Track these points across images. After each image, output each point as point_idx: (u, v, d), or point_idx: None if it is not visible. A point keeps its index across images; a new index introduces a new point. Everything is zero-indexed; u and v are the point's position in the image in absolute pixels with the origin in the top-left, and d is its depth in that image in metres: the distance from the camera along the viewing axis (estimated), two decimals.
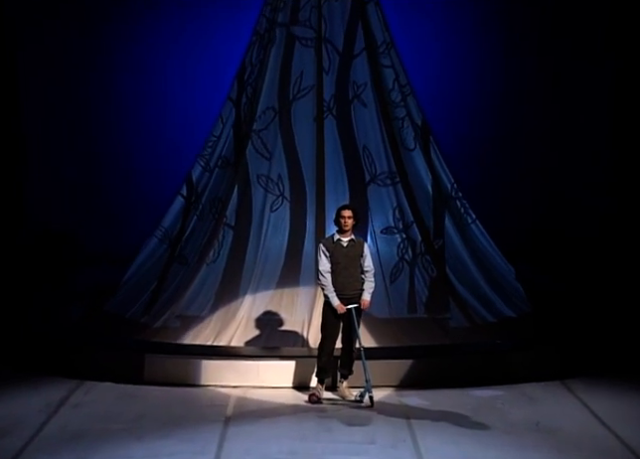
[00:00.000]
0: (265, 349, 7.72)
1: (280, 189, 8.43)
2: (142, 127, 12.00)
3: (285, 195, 8.43)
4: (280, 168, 8.49)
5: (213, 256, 8.27)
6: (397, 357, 7.48)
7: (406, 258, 8.32)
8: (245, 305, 8.03)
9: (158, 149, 11.83)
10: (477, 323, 8.15)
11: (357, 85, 8.66)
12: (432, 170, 8.72)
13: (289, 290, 8.08)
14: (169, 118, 11.86)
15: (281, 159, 8.50)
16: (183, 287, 8.25)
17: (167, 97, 11.91)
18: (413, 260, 8.33)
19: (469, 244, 8.66)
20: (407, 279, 8.24)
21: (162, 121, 11.88)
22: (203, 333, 7.91)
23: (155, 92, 11.89)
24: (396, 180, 8.56)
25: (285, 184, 8.45)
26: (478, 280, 8.52)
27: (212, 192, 8.73)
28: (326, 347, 6.83)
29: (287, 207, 8.40)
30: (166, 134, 11.83)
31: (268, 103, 8.63)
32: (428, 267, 8.40)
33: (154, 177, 11.62)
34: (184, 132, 11.34)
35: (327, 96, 8.61)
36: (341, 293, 6.76)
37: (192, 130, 10.55)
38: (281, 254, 8.22)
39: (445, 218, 8.52)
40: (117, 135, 12.09)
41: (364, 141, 8.56)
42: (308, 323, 7.87)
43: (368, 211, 8.29)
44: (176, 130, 11.68)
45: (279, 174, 8.47)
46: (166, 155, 11.61)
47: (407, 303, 8.11)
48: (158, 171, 11.59)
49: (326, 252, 6.72)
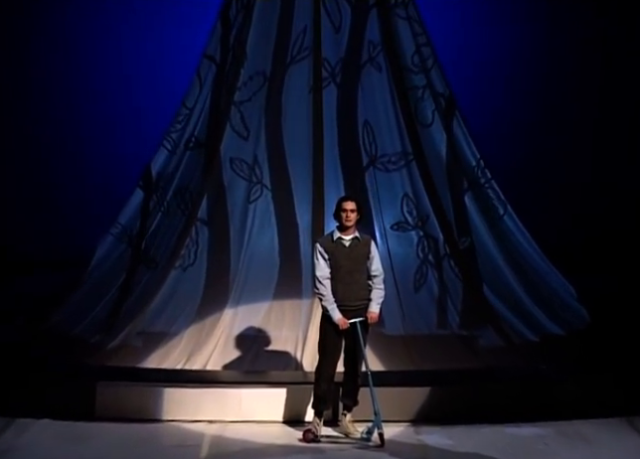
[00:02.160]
0: (250, 374, 7.49)
1: (257, 175, 8.22)
2: (93, 107, 11.83)
3: (264, 182, 8.21)
4: (258, 149, 8.26)
5: (188, 259, 8.07)
6: (413, 384, 7.22)
7: (430, 261, 8.13)
8: (225, 319, 7.83)
9: (112, 132, 11.70)
10: (514, 342, 7.87)
11: (373, 46, 8.46)
12: (454, 149, 8.44)
13: (280, 301, 7.94)
14: (124, 96, 11.71)
15: (260, 138, 8.27)
16: (148, 296, 8.02)
17: (121, 69, 11.78)
18: (438, 263, 8.15)
19: (502, 243, 8.40)
20: (436, 286, 8.05)
21: (116, 99, 11.75)
22: (171, 354, 7.68)
23: (105, 66, 11.81)
24: (406, 161, 8.33)
25: (264, 169, 8.22)
26: (515, 288, 8.26)
27: (181, 180, 8.48)
28: (325, 371, 6.54)
29: (269, 197, 8.19)
30: (122, 114, 11.64)
31: (258, 67, 8.39)
32: (456, 272, 8.17)
33: (108, 165, 11.49)
34: (145, 111, 11.15)
35: (333, 60, 8.39)
36: (343, 304, 6.47)
37: (155, 108, 10.44)
38: (269, 257, 8.06)
39: (471, 209, 8.35)
40: (62, 116, 11.96)
41: (365, 115, 8.35)
42: (303, 341, 7.66)
43: (366, 202, 7.99)
44: (135, 109, 11.48)
45: (255, 156, 8.24)
46: (122, 138, 11.45)
47: (437, 316, 7.90)
48: (112, 158, 11.48)
49: (324, 254, 6.44)
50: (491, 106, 11.27)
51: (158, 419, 7.04)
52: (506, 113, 11.66)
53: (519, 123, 11.68)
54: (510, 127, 11.56)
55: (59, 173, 11.88)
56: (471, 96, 9.98)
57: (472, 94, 10.18)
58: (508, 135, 11.45)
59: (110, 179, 10.95)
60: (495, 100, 11.53)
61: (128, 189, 8.90)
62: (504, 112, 11.65)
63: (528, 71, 11.80)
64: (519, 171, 11.11)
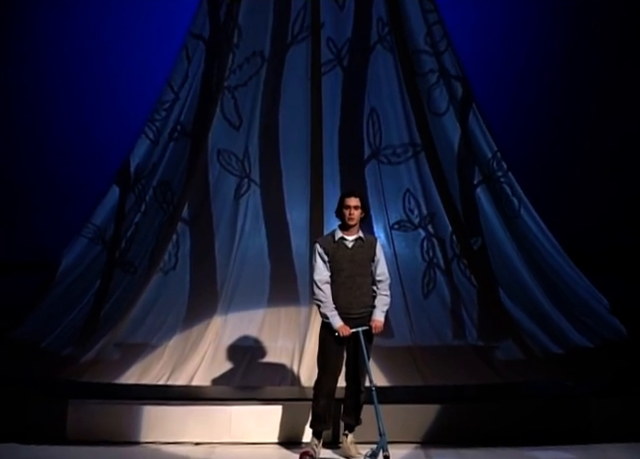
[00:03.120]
0: (241, 389, 7.27)
1: (246, 169, 8.06)
2: (64, 90, 11.29)
3: (253, 177, 8.04)
4: (249, 140, 8.09)
5: (168, 262, 7.89)
6: (422, 400, 7.01)
7: (437, 264, 7.97)
8: (214, 329, 7.65)
9: (85, 120, 11.17)
10: (537, 355, 7.68)
11: (382, 24, 8.30)
12: (468, 140, 8.33)
13: (274, 308, 7.79)
14: (99, 78, 11.16)
15: (253, 127, 8.10)
16: (126, 304, 7.84)
17: (96, 46, 11.16)
18: (447, 266, 7.98)
19: (520, 243, 8.22)
20: (448, 292, 7.90)
21: (90, 82, 11.15)
22: (153, 368, 7.46)
23: (76, 43, 11.22)
24: (413, 153, 8.18)
25: (254, 162, 8.05)
26: (536, 294, 8.08)
27: (163, 175, 8.29)
28: (325, 386, 6.32)
29: (257, 193, 8.03)
30: (97, 99, 11.13)
31: (255, 46, 8.21)
32: (468, 276, 7.99)
33: (78, 158, 10.99)
34: (124, 95, 10.67)
35: (339, 40, 8.24)
36: (345, 311, 6.23)
37: (135, 92, 10.02)
38: (261, 259, 7.89)
39: (484, 205, 8.19)
40: (28, 102, 11.40)
41: (373, 103, 8.18)
42: (300, 353, 7.47)
43: (366, 198, 7.80)
44: (113, 93, 10.97)
45: (246, 148, 8.07)
46: (96, 127, 10.95)
47: (449, 325, 7.73)
48: (85, 149, 10.94)
49: (324, 256, 6.20)
50: (509, 94, 10.91)
51: (137, 442, 6.87)
52: (526, 102, 11.25)
53: (539, 113, 11.25)
54: (528, 118, 11.14)
55: (22, 165, 11.46)
56: (487, 84, 9.77)
57: (488, 81, 9.95)
58: (526, 127, 11.04)
59: (82, 173, 10.51)
60: (513, 88, 11.15)
61: (103, 185, 8.65)
62: (523, 101, 11.24)
63: (551, 57, 11.43)
64: (536, 166, 10.68)
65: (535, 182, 9.39)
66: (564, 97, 11.07)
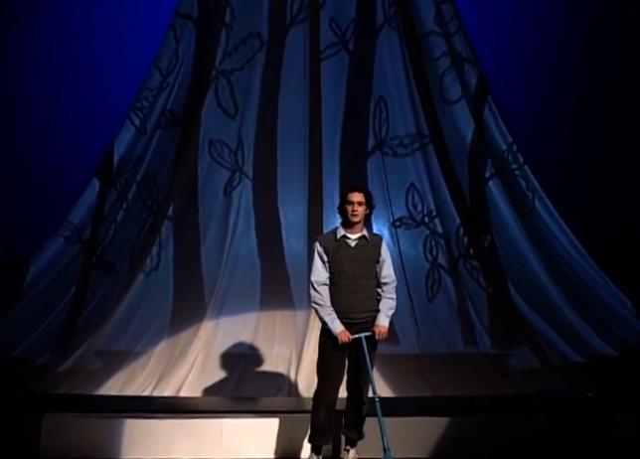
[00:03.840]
0: (233, 401, 7.12)
1: (239, 161, 7.91)
2: (38, 74, 10.99)
3: (245, 170, 7.87)
4: (244, 130, 7.96)
5: (150, 263, 7.79)
6: (430, 413, 6.78)
7: (441, 264, 7.86)
8: (203, 335, 7.53)
9: (62, 105, 10.87)
10: (555, 364, 7.56)
11: (389, 3, 8.29)
12: (482, 131, 8.14)
13: (270, 312, 7.70)
14: (79, 61, 10.84)
15: (250, 116, 7.95)
16: (107, 309, 7.70)
17: (74, 28, 10.88)
18: (452, 267, 7.85)
19: (537, 241, 8.22)
20: (454, 295, 7.78)
21: (70, 66, 10.87)
22: (137, 378, 7.34)
23: (51, 22, 10.96)
24: (421, 144, 8.15)
25: (247, 154, 7.91)
26: (554, 298, 7.96)
27: (148, 168, 8.18)
28: (325, 397, 6.10)
29: (249, 188, 7.86)
30: (76, 83, 10.76)
31: (251, 27, 8.09)
32: (476, 277, 7.92)
33: (56, 147, 10.69)
34: (106, 79, 10.38)
35: (343, 21, 8.09)
36: (347, 316, 6.01)
37: (119, 77, 9.77)
38: (255, 260, 7.76)
39: (497, 199, 8.01)
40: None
41: (381, 90, 8.14)
42: (298, 361, 7.36)
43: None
44: (94, 78, 10.64)
45: (240, 139, 7.93)
46: (75, 114, 10.63)
47: (459, 331, 7.61)
48: (62, 138, 10.68)
49: (323, 255, 5.97)
50: (522, 85, 10.66)
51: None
52: (539, 96, 11.01)
53: (552, 108, 11.04)
54: (542, 112, 10.90)
55: None
56: (499, 76, 9.54)
57: (500, 73, 9.71)
58: (543, 119, 10.82)
59: (60, 164, 10.21)
60: (526, 79, 10.93)
61: (82, 178, 8.42)
62: (536, 94, 11.00)
63: (566, 49, 11.28)
64: (547, 163, 10.44)
65: (548, 179, 9.16)
66: (580, 91, 10.91)
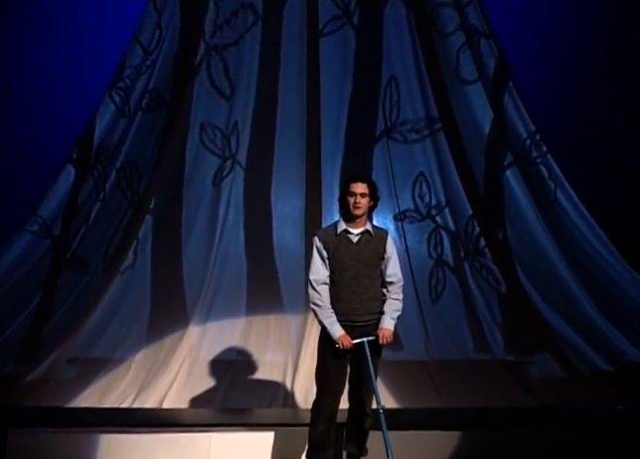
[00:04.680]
0: (222, 413, 6.92)
1: (232, 147, 7.65)
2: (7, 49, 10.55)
3: (239, 158, 7.60)
4: (240, 112, 7.70)
5: (128, 262, 7.55)
6: (440, 426, 6.50)
7: (446, 261, 7.64)
8: (189, 340, 7.36)
9: (32, 84, 10.19)
10: (580, 372, 7.35)
11: None
12: (500, 117, 7.90)
13: (262, 316, 7.52)
14: (54, 33, 10.24)
15: (248, 97, 7.69)
16: (82, 312, 7.49)
17: None
18: (458, 265, 7.64)
19: (558, 234, 7.94)
20: (461, 295, 7.59)
21: (43, 38, 10.30)
22: (116, 388, 7.12)
23: None
24: (433, 130, 7.84)
25: (242, 139, 7.66)
26: (580, 299, 7.74)
27: (129, 154, 7.85)
28: (325, 408, 5.81)
29: (240, 177, 7.63)
30: (48, 57, 10.10)
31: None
32: (485, 275, 7.68)
33: (26, 130, 10.11)
34: (86, 54, 9.76)
35: None
36: (347, 319, 5.73)
37: (101, 46, 9.21)
38: (244, 258, 7.55)
39: (515, 190, 7.76)
40: None
41: (392, 70, 7.80)
42: (294, 368, 7.21)
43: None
44: (68, 51, 10.04)
45: (235, 122, 7.65)
46: (47, 93, 9.92)
47: (471, 335, 7.40)
48: (32, 119, 10.04)
49: (323, 251, 5.71)
50: (540, 66, 10.05)
51: None
52: (559, 78, 10.39)
53: (573, 93, 10.44)
54: (562, 99, 10.37)
55: None
56: (524, 53, 9.13)
57: (524, 50, 9.28)
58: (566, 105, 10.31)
59: (29, 147, 9.61)
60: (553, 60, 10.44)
61: (54, 163, 8.05)
62: (556, 76, 10.37)
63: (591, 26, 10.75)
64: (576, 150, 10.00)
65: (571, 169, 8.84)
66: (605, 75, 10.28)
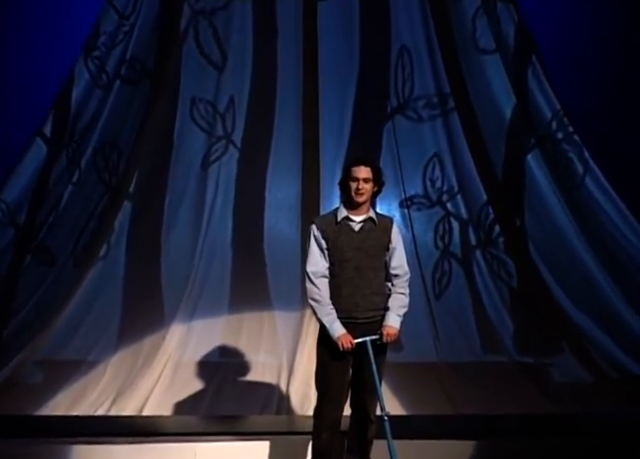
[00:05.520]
0: (209, 420, 6.65)
1: (227, 126, 7.33)
2: None
3: (234, 138, 7.30)
4: (237, 85, 7.34)
5: (103, 253, 7.22)
6: (451, 435, 6.24)
7: (454, 253, 7.37)
8: (172, 341, 7.08)
9: None
10: (609, 377, 7.05)
11: None
12: (522, 92, 7.48)
13: (254, 313, 7.24)
14: None
15: (244, 69, 7.34)
16: (51, 308, 7.16)
17: None
18: (467, 256, 7.37)
19: (585, 220, 7.48)
20: (467, 290, 7.30)
21: None
22: (90, 394, 6.83)
23: None
24: (447, 109, 7.42)
25: (238, 117, 7.32)
26: (609, 294, 7.35)
27: (107, 130, 7.41)
28: (328, 415, 5.56)
29: (234, 159, 7.30)
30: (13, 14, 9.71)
31: None
32: (497, 269, 7.36)
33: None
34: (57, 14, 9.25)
35: None
36: (348, 316, 5.47)
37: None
38: (230, 250, 7.28)
39: (536, 174, 7.35)
40: None
41: (402, 39, 7.45)
42: (289, 371, 6.96)
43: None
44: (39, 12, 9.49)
45: (232, 97, 7.28)
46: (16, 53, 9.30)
47: (479, 335, 7.12)
48: None
49: (321, 241, 5.46)
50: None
51: None
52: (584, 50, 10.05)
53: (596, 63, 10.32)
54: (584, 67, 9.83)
55: None
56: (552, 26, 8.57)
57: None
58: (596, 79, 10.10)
59: None
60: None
61: (20, 138, 7.52)
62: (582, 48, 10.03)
63: None
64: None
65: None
66: None
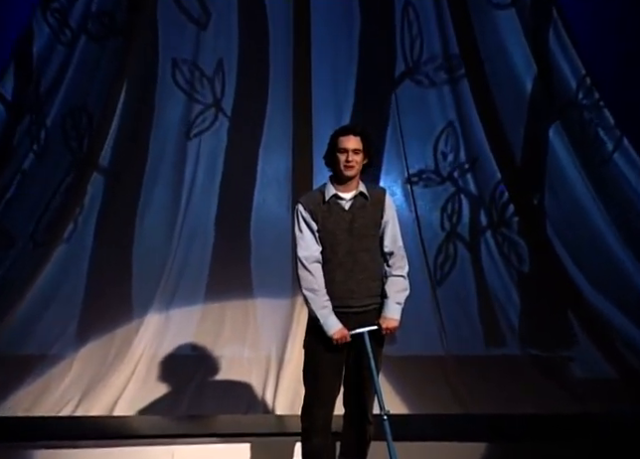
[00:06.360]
0: (189, 421, 6.36)
1: (216, 92, 6.98)
2: None
3: (224, 106, 6.94)
4: (223, 47, 6.98)
5: (69, 233, 6.90)
6: (459, 436, 5.89)
7: (462, 234, 7.08)
8: (147, 333, 6.79)
9: None
10: (637, 371, 6.70)
11: None
12: (541, 51, 7.13)
13: (238, 301, 6.96)
14: None
15: (230, 29, 6.94)
16: (8, 296, 6.83)
17: None
18: (475, 237, 7.11)
19: (611, 199, 7.16)
20: (472, 276, 7.03)
21: None
22: (53, 392, 6.53)
23: None
24: (455, 76, 7.09)
25: (228, 81, 6.96)
26: (634, 279, 7.02)
27: (71, 94, 7.02)
28: (319, 415, 5.27)
29: (224, 129, 6.94)
30: None
31: None
32: (510, 251, 7.05)
33: None
34: None
35: None
36: (343, 304, 5.12)
37: None
38: (212, 230, 6.96)
39: (557, 148, 6.99)
40: None
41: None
42: (278, 367, 6.71)
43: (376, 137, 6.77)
44: None
45: (220, 61, 6.94)
46: None
47: (485, 326, 6.83)
48: None
49: (311, 222, 5.13)
50: None
51: None
52: None
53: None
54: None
55: None
56: None
57: None
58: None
59: None
60: None
61: None
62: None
63: None
64: None
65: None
66: None
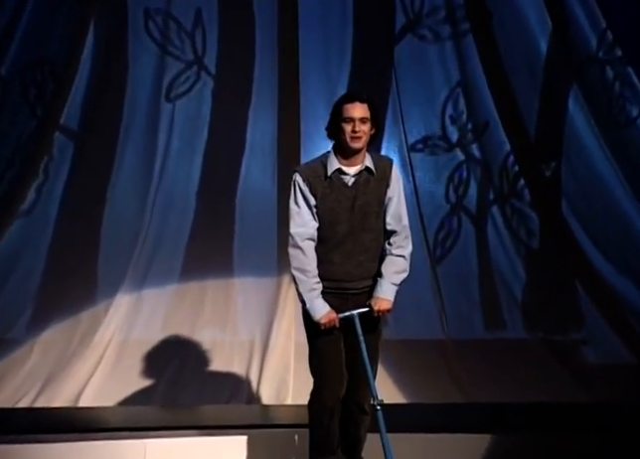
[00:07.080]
0: (164, 411, 6.17)
1: (197, 47, 6.68)
2: None
3: (207, 63, 6.60)
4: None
5: (29, 203, 6.54)
6: (461, 428, 5.74)
7: (467, 207, 6.82)
8: (117, 314, 6.49)
9: None
10: None
11: None
12: (556, 3, 6.70)
13: (219, 280, 6.65)
14: None
15: None
16: None
17: None
18: (481, 211, 6.84)
19: (634, 169, 6.71)
20: (475, 253, 6.77)
21: None
22: (10, 381, 6.22)
23: None
24: (461, 28, 6.68)
25: (210, 36, 6.64)
26: None
27: (27, 44, 6.65)
28: (328, 398, 5.11)
29: (208, 89, 6.58)
30: None
31: None
32: (520, 226, 6.77)
33: None
34: None
35: None
36: (339, 287, 4.95)
37: None
38: (193, 202, 6.64)
39: (573, 113, 6.62)
40: None
41: None
42: (262, 352, 6.43)
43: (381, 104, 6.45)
44: None
45: (199, 10, 6.61)
46: None
47: (485, 307, 6.60)
48: None
49: (309, 197, 4.88)
50: None
51: None
52: None
53: None
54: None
55: None
56: None
57: None
58: None
59: None
60: None
61: None
62: None
63: None
64: None
65: None
66: None
